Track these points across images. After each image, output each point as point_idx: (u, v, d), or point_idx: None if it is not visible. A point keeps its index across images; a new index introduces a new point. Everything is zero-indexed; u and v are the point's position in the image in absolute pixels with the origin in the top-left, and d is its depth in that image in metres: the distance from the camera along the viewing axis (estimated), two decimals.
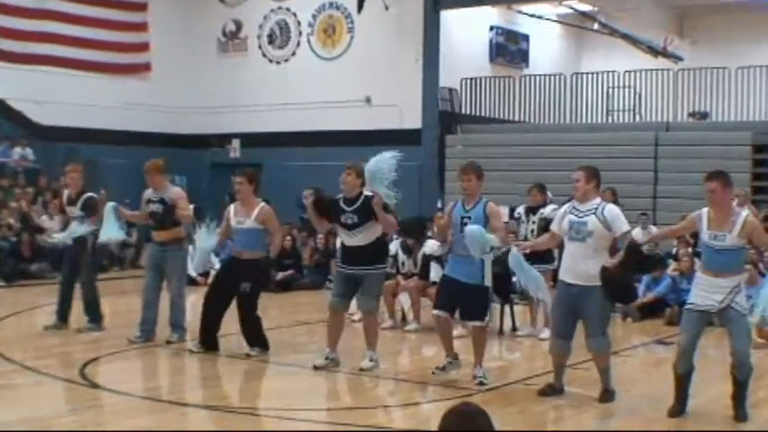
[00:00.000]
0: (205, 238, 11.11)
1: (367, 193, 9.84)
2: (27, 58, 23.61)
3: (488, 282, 9.26)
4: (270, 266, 11.43)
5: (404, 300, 13.58)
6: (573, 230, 8.66)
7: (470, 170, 9.37)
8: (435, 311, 9.48)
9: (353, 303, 10.93)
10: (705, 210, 8.23)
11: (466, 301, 9.23)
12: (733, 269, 8.07)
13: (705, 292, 8.07)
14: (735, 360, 8.15)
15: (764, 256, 15.52)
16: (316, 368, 9.99)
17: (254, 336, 10.80)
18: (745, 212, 8.24)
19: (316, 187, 10.29)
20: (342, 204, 9.94)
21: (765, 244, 8.46)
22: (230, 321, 10.96)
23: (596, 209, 8.63)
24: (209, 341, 10.87)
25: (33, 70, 23.46)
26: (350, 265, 9.96)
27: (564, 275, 8.79)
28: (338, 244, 10.83)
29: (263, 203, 10.75)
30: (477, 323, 9.33)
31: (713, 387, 8.74)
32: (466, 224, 9.16)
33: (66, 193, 12.59)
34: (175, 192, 11.72)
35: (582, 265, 8.58)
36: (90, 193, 12.32)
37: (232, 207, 10.91)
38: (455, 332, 10.24)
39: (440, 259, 12.70)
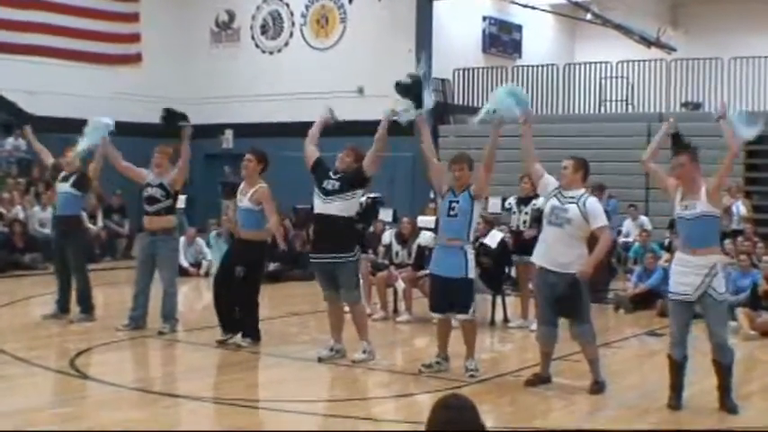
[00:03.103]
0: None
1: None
2: (19, 48, 23.54)
3: (472, 273, 9.26)
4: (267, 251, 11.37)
5: (399, 286, 13.44)
6: (553, 215, 8.72)
7: (462, 160, 9.42)
8: (435, 314, 9.59)
9: None
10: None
11: (451, 295, 9.23)
12: (707, 243, 8.09)
13: (682, 275, 8.10)
14: (714, 345, 8.19)
15: (758, 247, 15.58)
16: (320, 360, 9.99)
17: (247, 325, 10.78)
18: (710, 180, 8.25)
19: None
20: (329, 172, 9.91)
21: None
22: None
23: (579, 198, 8.70)
24: (229, 326, 10.83)
25: (26, 61, 23.39)
26: (321, 252, 9.86)
27: (538, 259, 8.84)
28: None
29: (261, 184, 10.71)
30: (464, 316, 9.34)
31: (704, 379, 8.73)
32: (453, 208, 9.24)
33: (62, 173, 12.58)
34: (174, 174, 11.77)
35: (555, 252, 8.65)
36: (83, 171, 12.34)
37: (241, 185, 10.89)
38: None
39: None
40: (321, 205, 9.88)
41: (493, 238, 12.94)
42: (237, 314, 10.81)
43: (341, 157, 9.95)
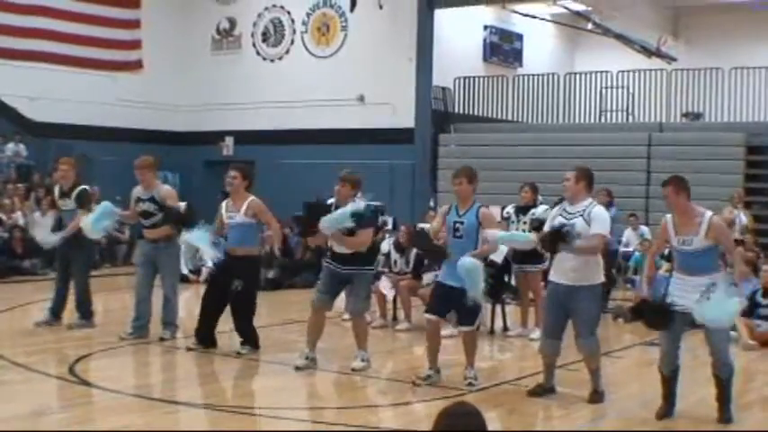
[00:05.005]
0: (198, 236, 10.92)
1: (361, 202, 9.85)
2: (20, 54, 23.55)
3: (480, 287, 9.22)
4: (271, 261, 11.35)
5: (388, 293, 13.44)
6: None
7: (462, 174, 9.34)
8: (427, 315, 9.49)
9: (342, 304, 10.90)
10: (670, 215, 8.29)
11: (458, 306, 9.19)
12: (707, 270, 8.08)
13: (681, 291, 8.09)
14: (714, 359, 8.18)
15: (761, 258, 15.55)
16: (297, 369, 9.96)
17: (244, 333, 10.82)
18: (708, 213, 8.19)
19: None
20: (331, 209, 9.83)
21: (729, 247, 8.41)
22: (222, 320, 10.97)
23: (584, 210, 8.66)
24: (205, 339, 10.87)
25: (27, 66, 23.41)
26: (338, 263, 9.91)
27: (553, 275, 8.82)
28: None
29: (251, 197, 10.73)
30: (467, 328, 9.32)
31: (703, 389, 8.74)
32: (458, 229, 9.16)
33: (57, 186, 12.58)
34: (165, 190, 11.74)
35: (569, 265, 8.61)
36: (84, 186, 12.32)
37: (224, 203, 10.89)
38: (446, 331, 10.24)
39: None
40: (338, 247, 9.87)
41: (498, 254, 12.89)
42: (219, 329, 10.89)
43: (338, 189, 9.85)
